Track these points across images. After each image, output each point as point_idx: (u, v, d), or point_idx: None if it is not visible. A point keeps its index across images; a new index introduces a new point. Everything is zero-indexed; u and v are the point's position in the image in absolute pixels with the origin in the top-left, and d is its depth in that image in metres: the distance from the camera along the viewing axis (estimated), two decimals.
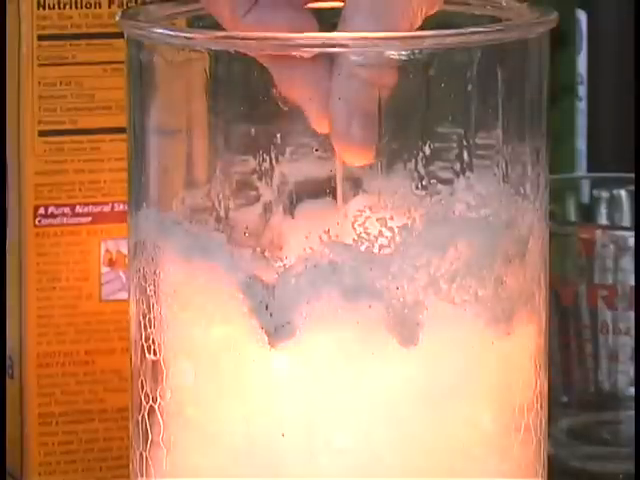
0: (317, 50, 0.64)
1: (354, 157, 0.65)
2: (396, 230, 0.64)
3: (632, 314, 0.79)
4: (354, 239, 0.64)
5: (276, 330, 0.64)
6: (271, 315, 0.64)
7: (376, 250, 0.64)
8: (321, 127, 0.64)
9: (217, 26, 0.68)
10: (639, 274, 0.88)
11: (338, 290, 0.64)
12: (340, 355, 0.64)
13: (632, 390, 0.80)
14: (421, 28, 0.66)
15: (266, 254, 0.65)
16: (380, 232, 0.64)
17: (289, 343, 0.63)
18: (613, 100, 0.91)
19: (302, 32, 0.67)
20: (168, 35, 0.66)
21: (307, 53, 0.64)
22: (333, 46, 0.64)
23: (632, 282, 0.80)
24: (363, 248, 0.64)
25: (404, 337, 0.64)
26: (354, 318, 0.64)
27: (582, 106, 0.90)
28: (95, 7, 0.75)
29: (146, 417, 0.67)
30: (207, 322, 0.65)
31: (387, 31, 0.66)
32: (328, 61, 0.64)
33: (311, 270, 0.64)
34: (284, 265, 0.63)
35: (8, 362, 0.78)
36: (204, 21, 0.69)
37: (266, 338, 0.64)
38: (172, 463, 0.66)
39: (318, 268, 0.64)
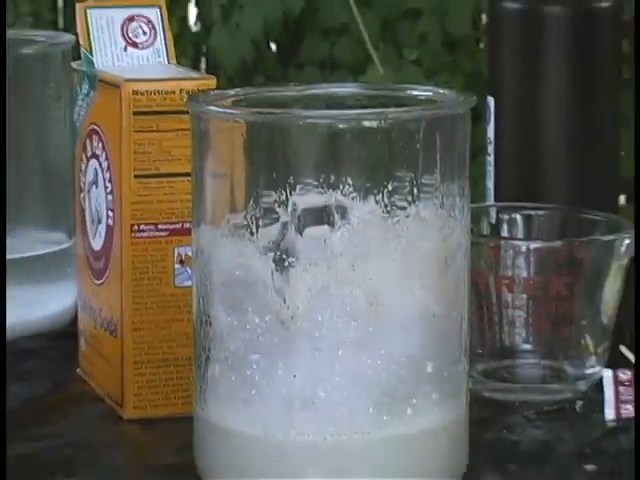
0: (317, 121, 0.62)
1: None
2: (369, 240, 0.62)
3: (524, 296, 0.76)
4: (341, 246, 0.62)
5: (289, 307, 0.62)
6: (284, 300, 0.62)
7: (356, 253, 0.62)
8: None
9: (251, 106, 0.67)
10: (639, 274, 0.84)
11: (331, 280, 0.62)
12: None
13: (524, 346, 0.77)
14: (381, 105, 0.66)
15: (283, 257, 0.62)
16: (357, 241, 0.62)
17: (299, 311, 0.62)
18: (511, 156, 0.88)
19: None
20: (217, 111, 0.65)
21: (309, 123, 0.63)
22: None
23: (525, 274, 0.76)
24: (349, 249, 0.62)
25: (375, 307, 0.62)
26: (341, 297, 0.62)
27: (490, 159, 0.88)
28: (171, 93, 0.71)
29: (203, 362, 0.65)
30: (240, 302, 0.63)
31: None
32: None
33: (312, 268, 0.62)
34: (296, 266, 0.62)
35: (112, 327, 0.76)
36: (243, 102, 0.67)
37: (282, 309, 0.62)
38: (219, 391, 0.64)
39: (317, 266, 0.62)
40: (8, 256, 0.85)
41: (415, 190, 0.63)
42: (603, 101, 0.90)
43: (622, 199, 1.18)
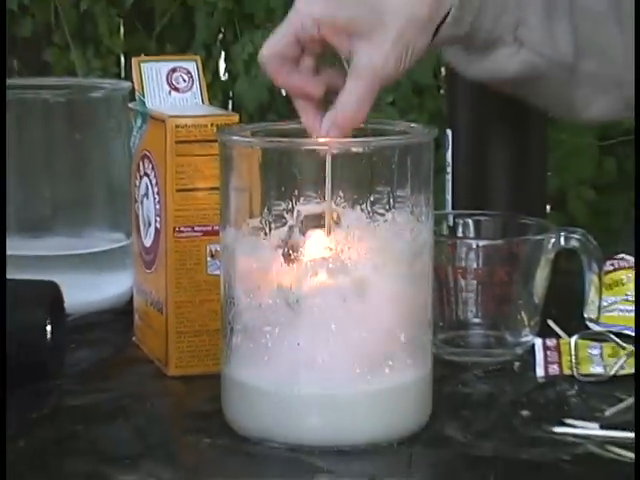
0: (315, 148, 0.63)
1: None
2: (355, 239, 0.62)
3: (475, 282, 0.75)
4: (334, 244, 0.62)
5: (293, 293, 0.61)
6: (290, 286, 0.62)
7: (346, 249, 0.62)
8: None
9: (265, 136, 0.66)
10: (639, 273, 0.81)
11: (326, 271, 0.61)
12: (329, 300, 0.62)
13: (474, 320, 0.77)
14: (365, 135, 0.64)
15: (289, 252, 0.62)
16: (347, 240, 0.62)
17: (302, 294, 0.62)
18: (464, 175, 0.87)
19: None
20: (239, 140, 0.65)
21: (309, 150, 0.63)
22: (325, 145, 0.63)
23: (474, 265, 0.75)
24: (340, 246, 0.62)
25: (360, 291, 0.62)
26: (334, 284, 0.61)
27: (449, 177, 0.86)
28: (204, 127, 0.71)
29: (228, 333, 0.64)
30: (257, 287, 0.62)
31: None
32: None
33: (311, 261, 0.62)
34: (299, 259, 0.61)
35: (159, 306, 0.75)
36: (259, 133, 0.66)
37: (288, 292, 0.61)
38: (240, 356, 0.64)
39: (315, 260, 0.61)
40: (80, 251, 0.85)
41: (391, 201, 0.62)
42: (533, 134, 0.90)
43: (548, 208, 1.16)
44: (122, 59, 1.46)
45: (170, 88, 0.76)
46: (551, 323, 0.79)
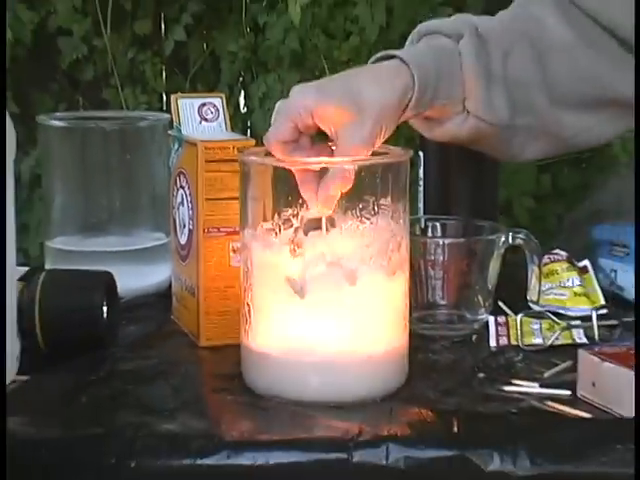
0: (315, 166, 0.62)
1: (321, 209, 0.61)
2: (347, 238, 0.62)
3: (441, 272, 0.74)
4: (330, 242, 0.62)
5: (298, 281, 0.61)
6: (296, 276, 0.62)
7: (340, 246, 0.62)
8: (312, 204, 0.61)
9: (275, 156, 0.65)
10: (639, 272, 0.78)
11: (324, 264, 0.61)
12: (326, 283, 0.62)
13: (441, 302, 0.75)
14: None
15: (295, 249, 0.61)
16: (340, 239, 0.62)
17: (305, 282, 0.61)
18: (433, 187, 0.85)
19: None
20: (255, 160, 0.65)
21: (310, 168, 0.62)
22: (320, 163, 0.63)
23: (441, 259, 0.73)
24: (335, 245, 0.61)
25: (351, 279, 0.61)
26: (330, 273, 0.61)
27: (420, 189, 0.85)
28: (227, 149, 0.71)
29: (246, 313, 0.64)
30: (269, 277, 0.62)
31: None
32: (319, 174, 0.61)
33: (313, 256, 0.61)
34: (303, 254, 0.61)
35: (192, 290, 0.74)
36: (270, 154, 0.64)
37: (294, 281, 0.61)
38: (256, 330, 0.63)
39: (316, 255, 0.61)
40: (130, 247, 0.84)
41: (375, 208, 0.62)
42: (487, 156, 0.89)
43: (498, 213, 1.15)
44: (163, 96, 1.45)
45: (201, 119, 0.75)
46: (501, 304, 0.78)
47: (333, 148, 0.64)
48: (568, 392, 0.62)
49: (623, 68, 0.72)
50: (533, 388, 0.63)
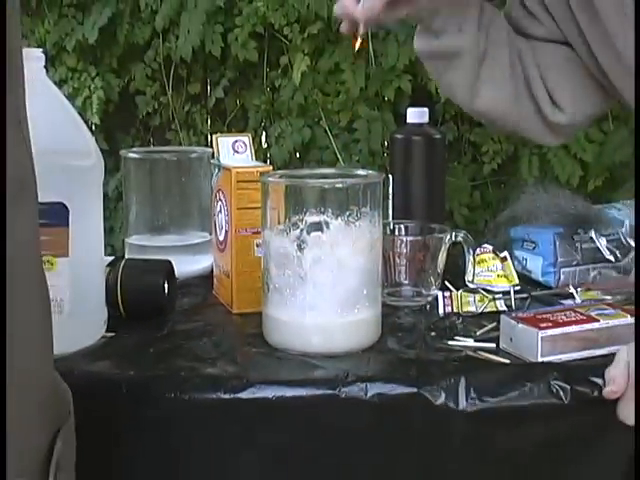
0: (316, 184, 0.61)
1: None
2: (339, 237, 0.60)
3: (405, 260, 0.72)
4: (326, 239, 0.60)
5: (302, 268, 0.60)
6: (301, 264, 0.61)
7: (333, 242, 0.60)
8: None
9: (287, 177, 0.64)
10: (639, 272, 0.69)
11: (322, 255, 0.60)
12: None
13: (405, 281, 0.73)
14: (345, 177, 0.63)
15: (301, 244, 0.60)
16: (333, 237, 0.60)
17: (308, 267, 0.59)
18: (402, 201, 0.84)
19: None
20: (272, 180, 0.63)
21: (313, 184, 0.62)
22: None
23: (405, 251, 0.72)
24: (330, 242, 0.60)
25: (341, 265, 0.60)
26: (326, 262, 0.59)
27: (390, 202, 0.84)
28: (253, 173, 0.69)
29: (266, 289, 0.63)
30: (282, 264, 0.61)
31: None
32: None
33: (313, 250, 0.60)
34: (306, 247, 0.60)
35: (227, 273, 0.72)
36: (284, 176, 0.65)
37: (299, 267, 0.60)
38: (272, 302, 0.62)
39: (316, 249, 0.60)
40: (184, 243, 0.82)
41: (359, 214, 0.61)
42: (437, 178, 0.86)
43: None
44: (208, 136, 1.47)
45: (234, 152, 0.73)
46: (447, 283, 0.77)
47: None
48: (493, 345, 0.61)
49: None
50: (469, 342, 0.62)
